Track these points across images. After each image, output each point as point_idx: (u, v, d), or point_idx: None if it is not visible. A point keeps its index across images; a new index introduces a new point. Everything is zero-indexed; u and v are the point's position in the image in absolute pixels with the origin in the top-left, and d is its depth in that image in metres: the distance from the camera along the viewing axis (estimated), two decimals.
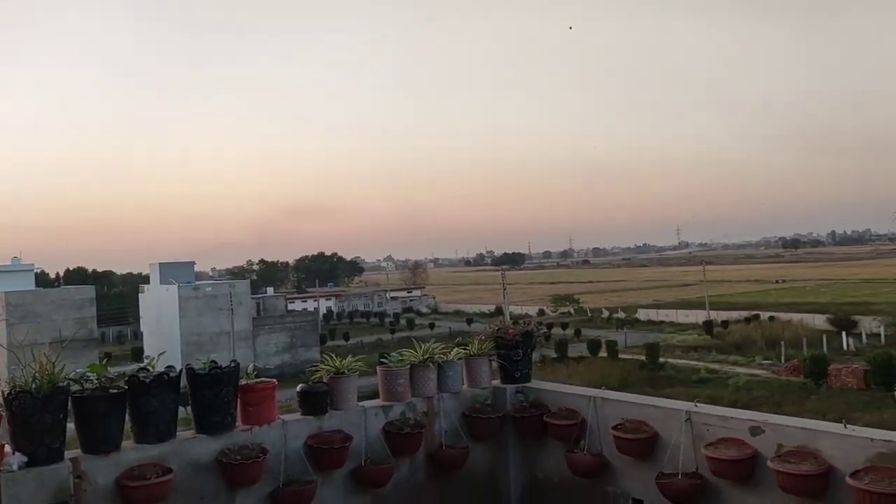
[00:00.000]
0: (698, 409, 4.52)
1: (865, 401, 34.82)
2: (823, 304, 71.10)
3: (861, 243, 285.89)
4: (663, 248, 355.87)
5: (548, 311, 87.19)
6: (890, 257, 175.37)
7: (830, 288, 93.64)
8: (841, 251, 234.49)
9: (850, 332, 52.69)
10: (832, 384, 38.29)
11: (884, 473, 3.54)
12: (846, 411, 32.43)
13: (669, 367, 46.46)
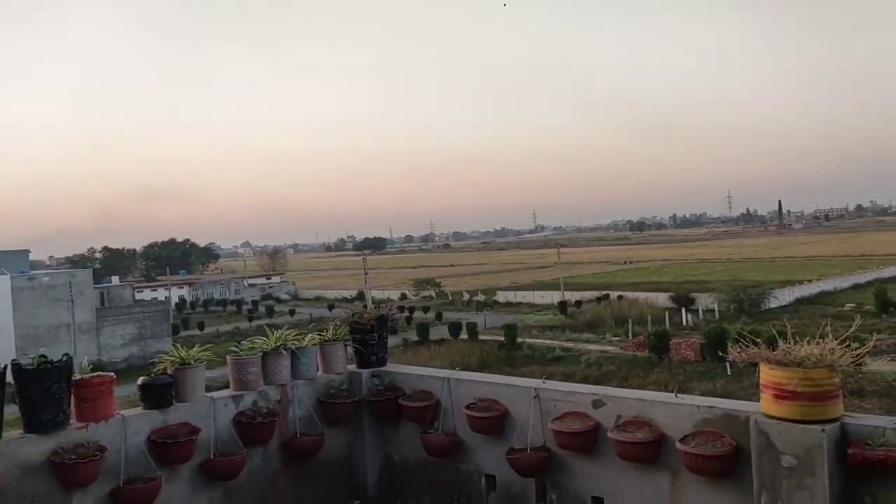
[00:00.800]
0: (546, 386, 4.70)
1: (701, 371, 37.70)
2: (666, 283, 76.14)
3: (698, 226, 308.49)
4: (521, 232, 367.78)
5: (410, 295, 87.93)
6: (723, 239, 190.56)
7: (672, 268, 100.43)
8: (681, 233, 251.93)
9: (689, 309, 56.79)
10: (673, 357, 41.10)
11: (707, 437, 3.85)
12: (685, 382, 35.02)
13: (527, 347, 48.16)
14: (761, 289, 59.33)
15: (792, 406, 3.47)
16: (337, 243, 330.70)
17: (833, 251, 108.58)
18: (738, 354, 3.76)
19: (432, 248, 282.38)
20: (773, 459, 3.52)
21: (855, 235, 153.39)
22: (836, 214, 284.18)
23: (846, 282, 66.02)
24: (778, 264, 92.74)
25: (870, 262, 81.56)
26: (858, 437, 3.40)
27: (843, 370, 3.51)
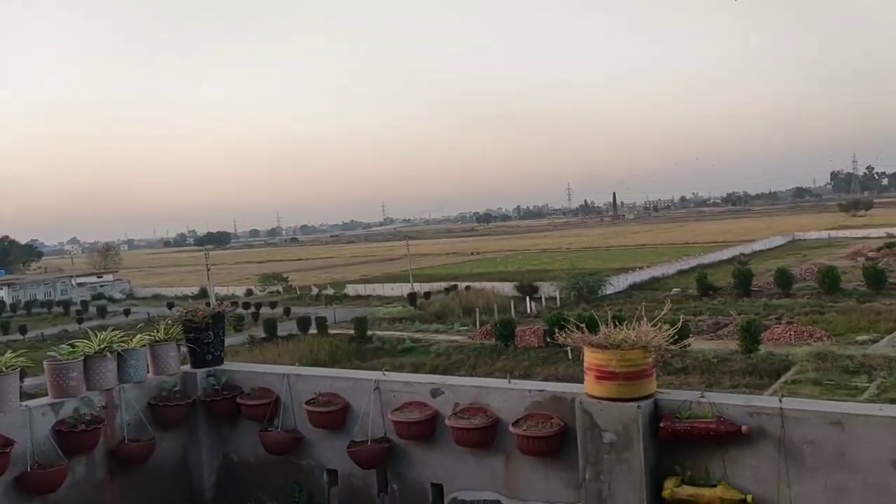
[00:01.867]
0: (386, 378, 4.74)
1: (544, 357, 39.37)
2: (511, 272, 78.86)
3: (541, 217, 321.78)
4: (370, 225, 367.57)
5: (256, 290, 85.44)
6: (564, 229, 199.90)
7: (516, 258, 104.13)
8: (524, 224, 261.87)
9: (533, 297, 59.13)
10: (518, 344, 42.60)
11: (538, 419, 4.04)
12: (529, 367, 36.51)
13: (377, 339, 48.23)
14: (598, 276, 62.72)
15: (611, 386, 3.71)
16: (177, 238, 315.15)
17: (661, 240, 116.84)
18: (564, 339, 3.98)
19: (279, 243, 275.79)
20: (596, 436, 3.76)
21: (679, 225, 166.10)
22: (664, 206, 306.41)
23: (672, 268, 71.20)
24: (613, 253, 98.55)
25: (692, 249, 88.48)
26: (669, 411, 3.70)
27: (658, 350, 3.79)
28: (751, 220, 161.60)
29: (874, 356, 30.98)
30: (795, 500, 3.40)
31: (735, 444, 3.52)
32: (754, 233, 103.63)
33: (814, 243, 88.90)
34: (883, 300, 44.55)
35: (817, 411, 3.42)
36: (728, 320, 42.86)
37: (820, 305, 44.83)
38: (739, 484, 3.51)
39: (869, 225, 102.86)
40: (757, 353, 32.68)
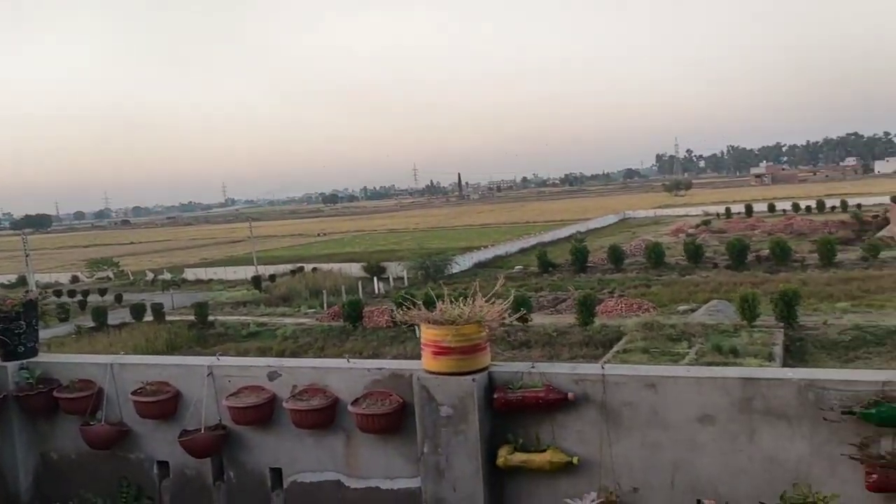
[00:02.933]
0: (220, 363, 4.56)
1: (393, 336, 39.62)
2: (358, 253, 78.56)
3: (387, 197, 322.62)
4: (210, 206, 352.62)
5: (83, 276, 79.66)
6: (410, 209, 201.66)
7: (363, 239, 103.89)
8: (371, 205, 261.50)
9: (381, 278, 59.27)
10: (367, 325, 42.58)
11: (377, 397, 4.05)
12: (378, 347, 36.63)
13: (220, 325, 46.48)
14: (444, 256, 63.82)
15: (447, 360, 3.79)
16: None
17: (504, 219, 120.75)
18: (402, 317, 4.00)
19: (108, 226, 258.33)
20: (434, 411, 3.82)
21: (521, 205, 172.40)
22: (507, 186, 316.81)
23: (515, 246, 73.78)
24: (459, 232, 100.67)
25: (533, 228, 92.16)
26: (502, 382, 3.83)
27: (491, 324, 3.91)
28: (586, 199, 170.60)
29: (693, 324, 33.70)
30: (616, 459, 3.63)
31: (562, 410, 3.71)
32: (589, 212, 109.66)
33: (642, 221, 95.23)
34: (700, 273, 48.54)
35: (634, 375, 3.67)
36: (566, 295, 44.98)
37: (647, 279, 48.09)
38: (567, 447, 3.71)
39: (689, 204, 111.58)
40: (592, 326, 34.58)
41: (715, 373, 3.66)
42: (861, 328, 30.40)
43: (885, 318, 32.01)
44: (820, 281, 41.93)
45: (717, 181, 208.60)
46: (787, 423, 3.38)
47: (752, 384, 3.45)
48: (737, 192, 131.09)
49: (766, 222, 72.41)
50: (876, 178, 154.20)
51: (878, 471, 3.15)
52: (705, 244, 57.53)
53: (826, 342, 28.30)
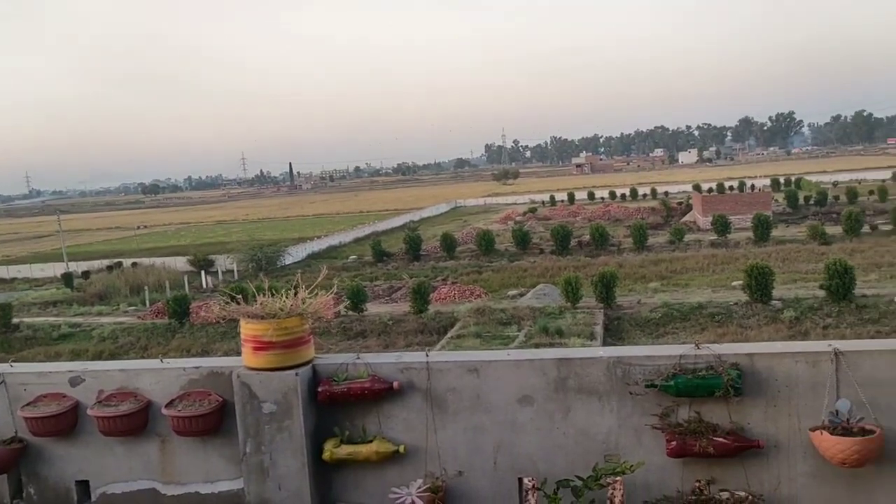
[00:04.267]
0: (14, 370, 4.14)
1: (223, 332, 38.12)
2: (184, 246, 74.76)
3: (215, 188, 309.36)
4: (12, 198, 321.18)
5: None
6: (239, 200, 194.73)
7: (189, 231, 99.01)
8: (197, 195, 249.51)
9: (209, 271, 56.77)
10: (195, 321, 40.68)
11: (195, 397, 3.83)
12: (207, 344, 35.10)
13: (26, 327, 42.53)
14: (277, 247, 62.28)
15: (269, 356, 3.65)
16: None
17: (337, 209, 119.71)
18: (218, 312, 3.81)
19: None
20: (256, 408, 3.68)
21: (355, 194, 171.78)
22: (339, 175, 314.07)
23: (349, 236, 73.38)
24: (291, 223, 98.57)
25: (367, 217, 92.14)
26: (327, 375, 3.76)
27: (314, 316, 3.81)
28: (419, 188, 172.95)
29: (522, 308, 35.19)
30: (441, 444, 3.68)
31: (389, 399, 3.70)
32: (422, 201, 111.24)
33: (473, 209, 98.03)
34: (528, 258, 50.77)
35: (458, 361, 3.73)
36: (401, 284, 45.42)
37: (479, 266, 49.59)
38: (393, 436, 3.70)
39: (516, 192, 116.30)
40: (427, 313, 35.17)
41: (533, 355, 3.80)
42: (669, 306, 33.07)
43: (690, 296, 35.05)
44: (634, 263, 45.18)
45: (542, 171, 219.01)
46: (598, 399, 3.57)
47: (566, 364, 3.61)
48: (560, 181, 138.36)
49: (586, 209, 77.05)
50: (680, 168, 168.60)
51: (677, 438, 3.41)
52: (532, 231, 60.20)
53: (640, 320, 30.55)
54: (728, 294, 34.18)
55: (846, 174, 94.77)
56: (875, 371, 3.33)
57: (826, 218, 56.20)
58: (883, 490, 3.34)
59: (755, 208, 54.82)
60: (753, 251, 45.07)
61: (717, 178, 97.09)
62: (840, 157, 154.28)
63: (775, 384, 3.43)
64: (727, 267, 41.16)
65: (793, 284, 34.67)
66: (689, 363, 3.49)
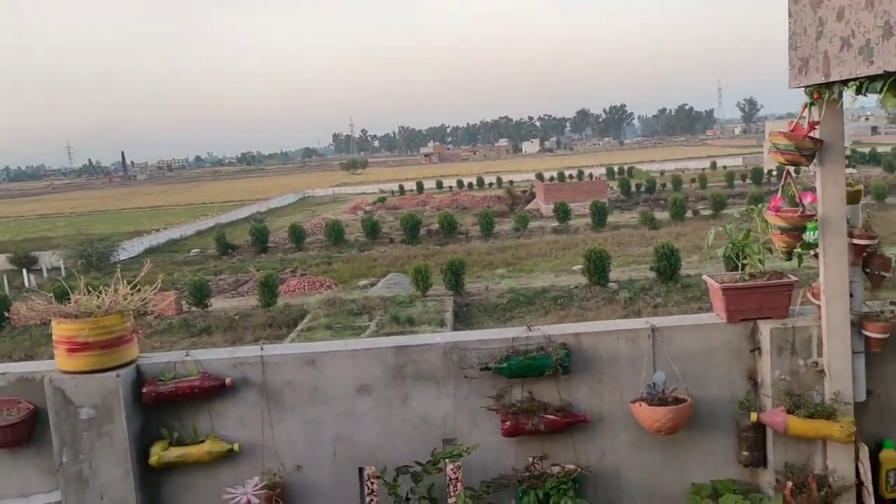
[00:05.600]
0: None
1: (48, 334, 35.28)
2: (3, 242, 68.51)
3: (36, 179, 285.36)
4: None
5: None
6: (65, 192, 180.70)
7: (8, 226, 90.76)
8: (17, 188, 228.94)
9: (32, 269, 52.36)
10: (16, 323, 37.44)
11: (3, 405, 3.50)
12: (31, 348, 32.27)
13: None
14: (109, 241, 58.48)
15: (86, 357, 3.40)
16: None
17: (177, 200, 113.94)
18: (26, 312, 3.50)
19: None
20: (72, 415, 3.41)
21: (196, 185, 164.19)
22: (178, 165, 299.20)
23: (191, 229, 70.04)
24: (125, 216, 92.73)
25: (210, 209, 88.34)
26: (152, 375, 3.55)
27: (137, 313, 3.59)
28: (265, 179, 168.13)
29: (373, 298, 35.19)
30: (279, 439, 3.59)
31: (220, 397, 3.55)
32: (269, 191, 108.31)
33: (322, 200, 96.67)
34: (378, 248, 50.81)
35: (294, 354, 3.65)
36: (248, 277, 44.06)
37: (328, 256, 49.03)
38: (227, 434, 3.57)
39: (365, 182, 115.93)
40: (275, 306, 34.35)
41: (370, 344, 3.79)
42: (515, 291, 34.25)
43: (534, 281, 36.49)
44: (482, 251, 46.38)
45: (391, 160, 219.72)
46: (436, 384, 3.62)
47: (403, 352, 3.62)
48: (409, 171, 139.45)
49: (435, 198, 78.12)
50: (523, 158, 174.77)
51: (511, 417, 3.52)
52: (382, 220, 60.30)
53: (488, 306, 31.45)
54: (569, 278, 35.92)
55: (671, 163, 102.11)
56: (685, 344, 3.59)
57: (655, 204, 60.28)
58: (694, 451, 3.62)
59: (593, 196, 57.83)
60: (592, 237, 47.63)
61: (558, 167, 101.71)
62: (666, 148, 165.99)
63: (600, 361, 3.61)
64: (568, 252, 43.20)
65: (627, 267, 36.98)
66: (522, 345, 3.61)
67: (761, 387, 3.53)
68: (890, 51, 2.43)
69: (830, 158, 3.22)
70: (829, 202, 3.25)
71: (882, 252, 3.44)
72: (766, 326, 3.47)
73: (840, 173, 3.24)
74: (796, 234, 3.24)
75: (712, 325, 3.64)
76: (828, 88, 2.96)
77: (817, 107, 3.16)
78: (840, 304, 3.31)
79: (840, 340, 3.32)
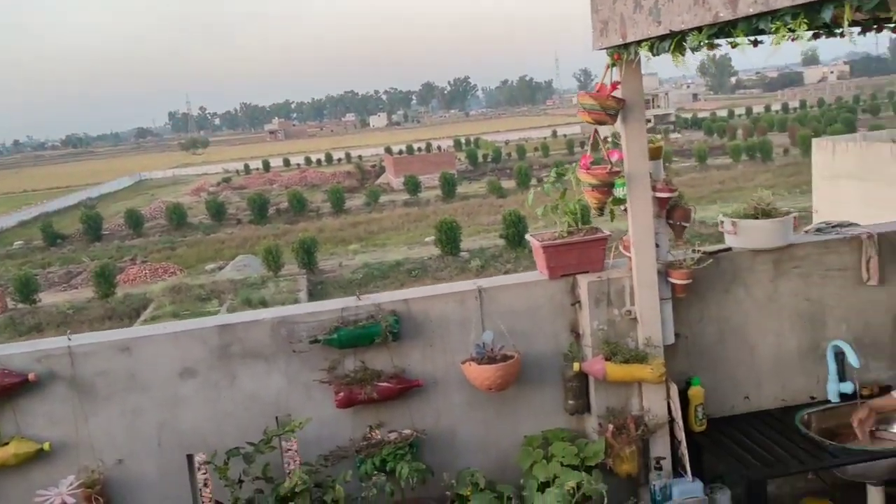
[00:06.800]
0: None
1: None
2: None
3: None
4: None
5: None
6: None
7: None
8: None
9: None
10: None
11: None
12: None
13: None
14: None
15: None
16: None
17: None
18: None
19: None
20: None
21: (15, 171, 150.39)
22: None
23: (12, 219, 64.32)
24: None
25: (34, 197, 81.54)
26: None
27: None
28: (95, 162, 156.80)
29: (222, 281, 33.98)
30: (95, 433, 3.36)
31: (25, 394, 3.27)
32: (100, 175, 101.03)
33: (160, 182, 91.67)
34: (225, 230, 49.03)
35: (106, 342, 3.41)
36: (81, 268, 41.23)
37: (172, 241, 46.74)
38: (35, 434, 3.29)
39: (208, 162, 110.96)
40: (114, 297, 32.40)
41: (192, 325, 3.62)
42: (369, 266, 34.25)
43: (388, 255, 36.62)
44: (334, 227, 45.93)
45: (234, 138, 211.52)
46: (265, 361, 3.51)
47: (228, 330, 3.49)
48: (254, 149, 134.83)
49: (283, 176, 76.27)
50: (371, 132, 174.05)
51: (344, 388, 3.49)
52: (227, 201, 58.27)
53: (343, 282, 31.26)
54: (423, 250, 36.35)
55: (516, 133, 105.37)
56: (512, 303, 3.69)
57: (501, 174, 62.06)
58: (525, 405, 3.75)
59: (441, 168, 58.64)
60: (442, 208, 48.36)
61: (407, 141, 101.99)
62: (510, 118, 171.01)
63: (430, 325, 3.65)
64: (420, 224, 43.65)
65: (477, 236, 37.91)
66: (352, 315, 3.57)
67: (583, 338, 3.70)
68: (674, 11, 2.56)
69: (632, 117, 3.39)
70: (633, 158, 3.43)
71: (683, 204, 3.68)
72: (584, 280, 3.63)
73: (641, 131, 3.43)
74: (606, 190, 3.39)
75: (536, 283, 3.76)
76: (625, 49, 3.10)
77: (618, 67, 3.31)
78: (647, 254, 3.51)
79: (649, 289, 3.53)
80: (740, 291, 3.91)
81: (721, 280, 3.87)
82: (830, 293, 3.99)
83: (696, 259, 3.65)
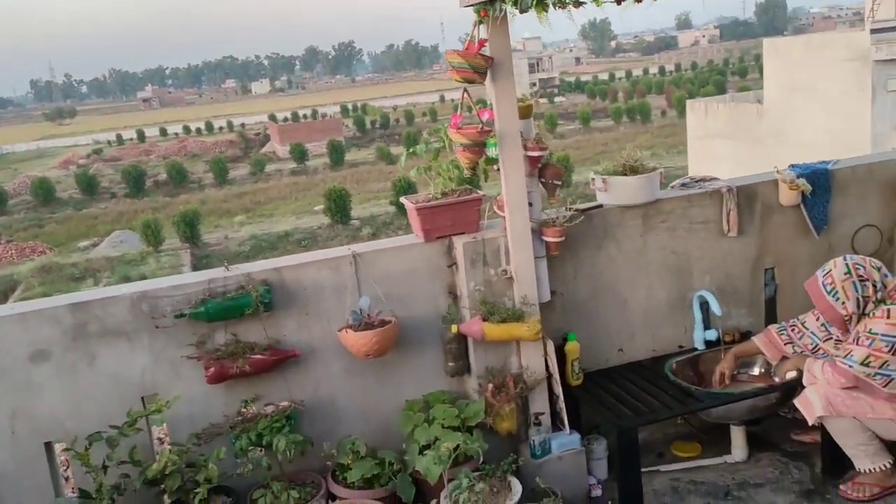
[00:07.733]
0: None
1: None
2: None
3: None
4: None
5: None
6: None
7: None
8: None
9: None
10: None
11: None
12: None
13: None
14: None
15: None
16: None
17: None
18: None
19: None
20: None
21: None
22: None
23: None
24: None
25: None
26: None
27: None
28: None
29: (97, 259, 32.22)
30: None
31: None
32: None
33: (24, 156, 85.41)
34: (98, 205, 46.46)
35: None
36: None
37: (38, 219, 43.88)
38: None
39: (76, 133, 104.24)
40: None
41: (42, 304, 3.36)
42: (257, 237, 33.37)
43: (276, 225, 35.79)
44: (218, 198, 44.41)
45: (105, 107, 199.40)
46: (127, 339, 3.31)
47: (83, 308, 3.25)
48: (127, 118, 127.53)
49: (160, 146, 72.71)
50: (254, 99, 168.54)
51: (214, 363, 3.34)
52: (100, 174, 55.18)
53: (229, 255, 30.29)
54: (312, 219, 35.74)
55: (403, 98, 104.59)
56: (388, 267, 3.63)
57: (390, 140, 61.60)
58: (405, 370, 3.72)
59: (329, 135, 57.64)
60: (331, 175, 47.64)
61: (292, 108, 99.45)
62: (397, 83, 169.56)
63: (304, 294, 3.54)
64: (308, 193, 42.87)
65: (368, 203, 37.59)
66: (220, 286, 3.41)
67: (460, 299, 3.69)
68: None
69: (501, 74, 3.35)
70: (504, 117, 3.41)
71: (553, 162, 3.71)
72: (460, 241, 3.61)
73: (511, 89, 3.40)
74: (478, 149, 3.36)
75: (412, 246, 3.71)
76: (492, 6, 3.05)
77: (485, 25, 3.26)
78: (521, 213, 3.52)
79: (523, 247, 3.55)
80: (612, 247, 4.01)
81: (593, 237, 3.95)
82: (695, 245, 4.16)
83: (569, 217, 3.70)
